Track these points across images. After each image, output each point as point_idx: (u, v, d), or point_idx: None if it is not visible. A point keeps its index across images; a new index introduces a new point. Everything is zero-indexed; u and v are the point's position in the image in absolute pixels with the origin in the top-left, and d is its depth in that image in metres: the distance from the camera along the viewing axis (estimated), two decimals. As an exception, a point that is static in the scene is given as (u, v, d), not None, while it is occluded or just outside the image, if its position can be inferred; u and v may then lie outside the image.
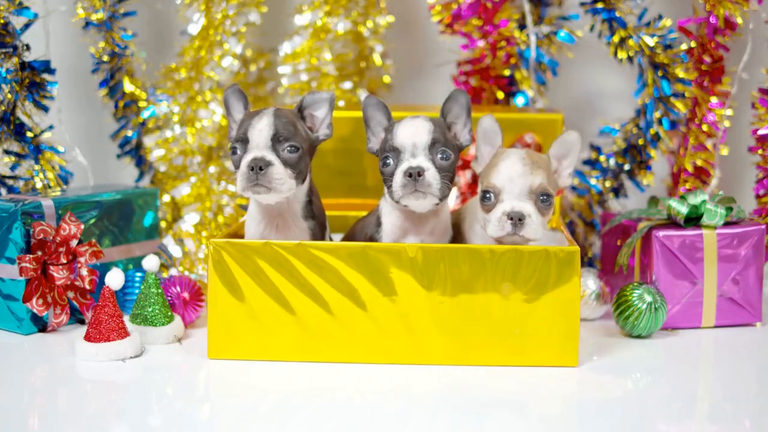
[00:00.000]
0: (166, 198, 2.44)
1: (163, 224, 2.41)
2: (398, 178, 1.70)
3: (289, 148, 1.73)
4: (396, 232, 1.81)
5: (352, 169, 2.28)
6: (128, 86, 2.40)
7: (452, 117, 1.80)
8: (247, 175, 1.71)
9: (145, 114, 2.41)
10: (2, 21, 2.14)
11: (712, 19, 2.29)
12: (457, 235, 1.92)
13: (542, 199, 1.75)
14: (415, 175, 1.68)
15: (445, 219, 1.84)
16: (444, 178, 1.71)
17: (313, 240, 1.83)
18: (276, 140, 1.73)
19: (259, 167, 1.69)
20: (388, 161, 1.74)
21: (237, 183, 1.73)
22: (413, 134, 1.72)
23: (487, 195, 1.76)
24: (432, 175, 1.69)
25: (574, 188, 2.46)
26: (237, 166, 1.75)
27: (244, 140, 1.74)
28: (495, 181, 1.75)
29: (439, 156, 1.72)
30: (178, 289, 1.98)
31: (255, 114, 1.77)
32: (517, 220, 1.71)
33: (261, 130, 1.73)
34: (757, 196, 2.33)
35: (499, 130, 1.82)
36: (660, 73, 2.28)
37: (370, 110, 1.81)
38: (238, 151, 1.75)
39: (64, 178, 2.28)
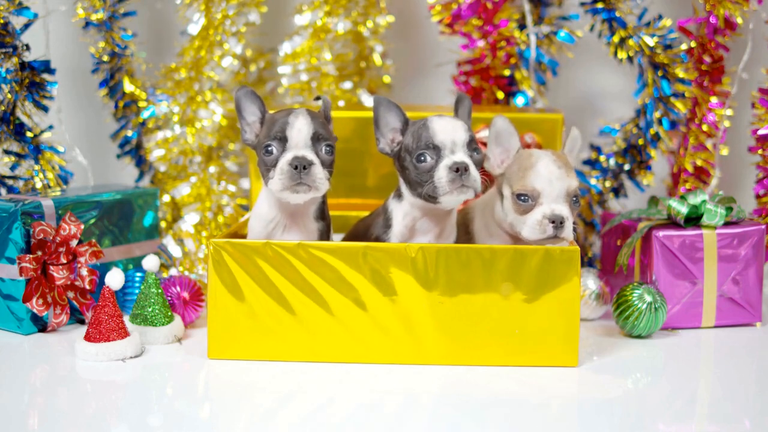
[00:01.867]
0: (166, 198, 2.44)
1: (163, 224, 2.41)
2: (443, 174, 1.70)
3: (326, 148, 1.74)
4: (405, 234, 1.81)
5: (353, 169, 2.28)
6: (128, 86, 2.40)
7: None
8: (290, 174, 1.69)
9: (145, 114, 2.41)
10: (2, 21, 2.14)
11: (712, 19, 2.29)
12: (464, 235, 1.92)
13: (574, 200, 1.77)
14: (462, 170, 1.69)
15: (454, 219, 1.85)
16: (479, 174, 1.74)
17: (320, 240, 1.83)
18: (315, 140, 1.73)
19: (303, 166, 1.69)
20: (423, 158, 1.73)
21: (274, 182, 1.71)
22: (452, 132, 1.73)
23: (523, 197, 1.76)
24: (474, 170, 1.71)
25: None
26: (272, 166, 1.73)
27: (281, 139, 1.73)
28: (534, 184, 1.75)
29: (475, 153, 1.74)
30: (178, 289, 1.98)
31: (287, 113, 1.75)
32: (558, 223, 1.72)
33: (300, 129, 1.72)
34: (757, 196, 2.33)
35: (514, 131, 1.82)
36: (660, 73, 2.28)
37: (381, 110, 1.80)
38: (274, 150, 1.73)
39: (64, 178, 2.28)
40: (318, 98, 1.93)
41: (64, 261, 1.94)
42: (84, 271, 1.97)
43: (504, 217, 1.82)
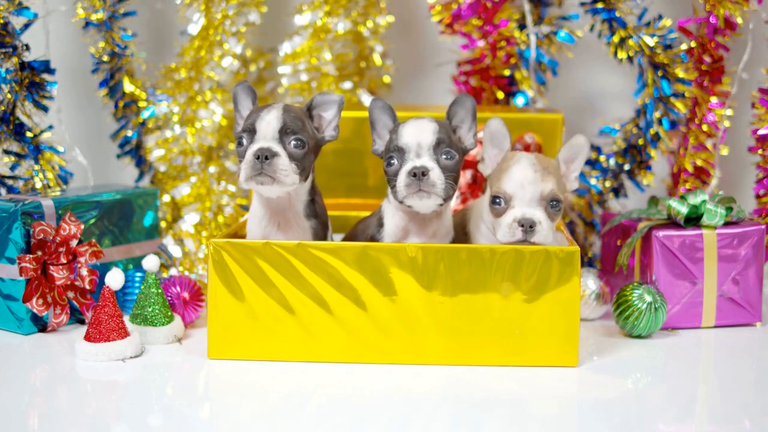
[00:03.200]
0: (166, 198, 2.44)
1: (163, 224, 2.41)
2: (402, 178, 1.70)
3: (295, 142, 1.74)
4: (398, 234, 1.81)
5: (353, 169, 2.28)
6: (128, 86, 2.40)
7: (457, 120, 1.80)
8: (252, 164, 1.70)
9: (145, 114, 2.41)
10: (2, 21, 2.14)
11: (712, 19, 2.29)
12: (462, 235, 1.92)
13: (552, 204, 1.75)
14: (419, 175, 1.68)
15: (448, 221, 1.84)
16: (448, 179, 1.71)
17: (315, 239, 1.83)
18: (283, 132, 1.73)
19: (264, 156, 1.70)
20: (392, 161, 1.74)
21: (241, 173, 1.72)
22: (418, 134, 1.72)
23: (497, 200, 1.76)
24: (436, 175, 1.69)
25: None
26: (242, 157, 1.74)
27: (251, 131, 1.74)
28: (506, 187, 1.75)
29: (444, 156, 1.72)
30: (178, 289, 1.98)
31: (264, 107, 1.77)
32: (528, 227, 1.72)
33: (269, 122, 1.73)
34: (757, 196, 2.33)
35: (507, 133, 1.83)
36: (660, 73, 2.28)
37: (377, 113, 1.81)
38: (245, 142, 1.75)
39: (64, 178, 2.28)
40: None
41: (64, 261, 1.94)
42: (84, 271, 1.97)
43: (487, 218, 1.82)
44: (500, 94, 2.50)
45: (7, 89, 2.17)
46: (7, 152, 2.21)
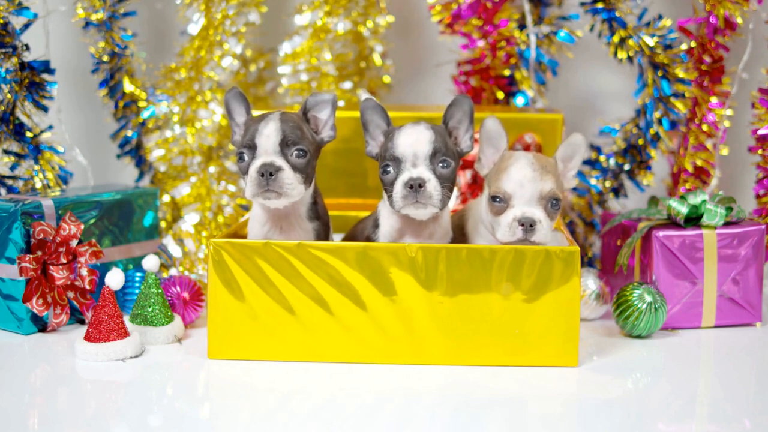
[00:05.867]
0: (166, 198, 2.44)
1: (163, 224, 2.41)
2: (399, 189, 1.69)
3: (297, 153, 1.73)
4: (393, 235, 1.81)
5: (353, 169, 2.28)
6: (128, 86, 2.40)
7: (454, 122, 1.79)
8: (257, 181, 1.70)
9: (145, 114, 2.41)
10: (2, 21, 2.13)
11: (712, 19, 2.29)
12: (460, 236, 1.92)
13: (552, 203, 1.75)
14: (416, 187, 1.67)
15: (445, 222, 1.83)
16: (444, 188, 1.70)
17: (318, 240, 1.83)
18: (284, 145, 1.72)
19: (269, 173, 1.69)
20: (388, 170, 1.73)
21: (246, 189, 1.72)
22: (414, 144, 1.70)
23: (497, 199, 1.76)
24: (433, 186, 1.68)
25: (574, 188, 2.46)
26: (245, 173, 1.74)
27: (251, 146, 1.73)
28: (505, 187, 1.75)
29: (440, 165, 1.71)
30: (178, 289, 1.98)
31: (261, 119, 1.75)
32: (528, 226, 1.72)
33: (269, 136, 1.72)
34: (757, 196, 2.33)
35: (504, 132, 1.82)
36: (660, 73, 2.28)
37: (369, 114, 1.80)
38: (246, 158, 1.74)
39: (64, 178, 2.28)
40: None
41: (64, 261, 1.94)
42: (84, 271, 1.97)
43: (486, 218, 1.82)
44: (500, 94, 2.50)
45: (7, 89, 2.17)
46: (7, 152, 2.21)
